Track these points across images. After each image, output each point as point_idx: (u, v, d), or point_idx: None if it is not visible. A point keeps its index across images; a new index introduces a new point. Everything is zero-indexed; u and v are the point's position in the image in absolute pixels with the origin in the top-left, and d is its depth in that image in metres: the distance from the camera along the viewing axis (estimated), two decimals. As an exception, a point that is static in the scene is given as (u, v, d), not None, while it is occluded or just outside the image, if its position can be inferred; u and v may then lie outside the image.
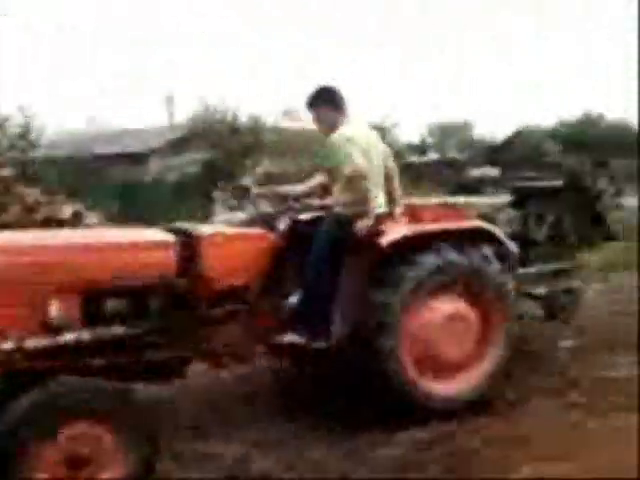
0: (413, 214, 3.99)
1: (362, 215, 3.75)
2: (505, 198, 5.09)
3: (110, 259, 3.37)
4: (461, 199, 4.46)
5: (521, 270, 4.56)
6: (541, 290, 4.88)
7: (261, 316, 3.79)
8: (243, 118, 14.11)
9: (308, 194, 4.28)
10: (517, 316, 4.28)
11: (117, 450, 2.93)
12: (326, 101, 3.98)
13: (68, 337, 3.18)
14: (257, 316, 3.78)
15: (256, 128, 13.71)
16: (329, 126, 3.96)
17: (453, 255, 3.81)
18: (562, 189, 5.46)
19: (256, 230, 3.91)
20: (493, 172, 19.24)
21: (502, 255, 4.14)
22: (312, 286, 3.75)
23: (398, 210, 4.02)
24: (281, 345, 3.83)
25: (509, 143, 22.91)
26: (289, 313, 3.81)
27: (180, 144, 15.56)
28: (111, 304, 3.37)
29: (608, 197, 5.54)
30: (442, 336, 3.84)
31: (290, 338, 3.75)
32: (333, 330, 3.70)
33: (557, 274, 5.04)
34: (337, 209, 3.90)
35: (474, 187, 14.22)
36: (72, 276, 3.25)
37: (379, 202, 3.89)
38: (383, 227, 3.76)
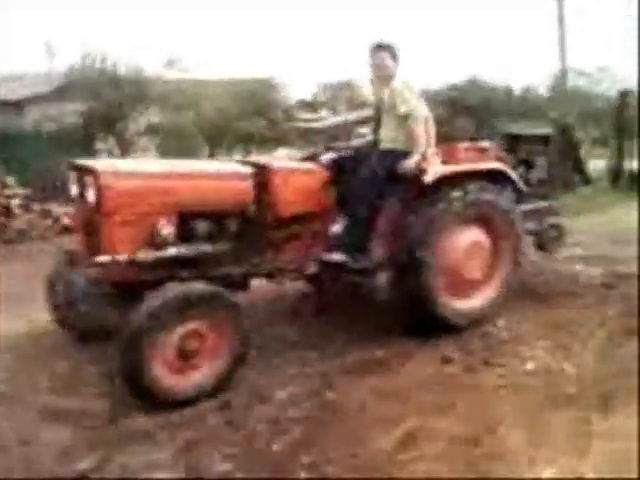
0: (447, 155, 4.69)
1: (409, 153, 4.43)
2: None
3: (202, 186, 3.96)
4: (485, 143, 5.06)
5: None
6: (532, 225, 5.51)
7: (314, 238, 4.46)
8: (123, 68, 13.61)
9: (358, 122, 5.09)
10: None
11: (218, 344, 3.59)
12: (391, 52, 4.62)
13: (172, 251, 3.76)
14: (311, 238, 4.45)
15: (138, 79, 13.18)
16: (389, 73, 4.63)
17: (478, 192, 4.59)
18: (550, 137, 6.26)
19: (313, 165, 4.59)
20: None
21: (513, 190, 4.99)
22: (356, 214, 4.41)
23: (435, 151, 4.64)
24: (328, 263, 4.48)
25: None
26: (335, 237, 4.49)
27: (59, 93, 14.71)
28: (200, 225, 3.95)
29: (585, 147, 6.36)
30: (464, 259, 4.59)
31: (335, 257, 4.45)
32: (373, 252, 4.37)
33: (545, 212, 5.73)
34: (387, 145, 4.60)
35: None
36: (173, 200, 3.80)
37: (425, 145, 4.51)
38: (425, 165, 4.40)
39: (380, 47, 4.63)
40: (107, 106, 12.71)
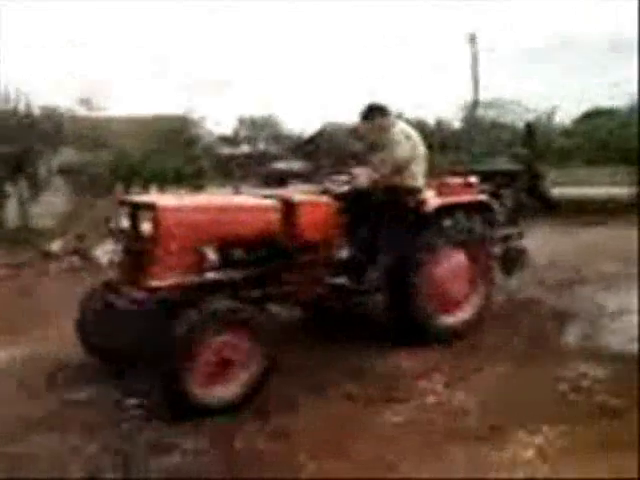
0: (441, 188, 5.35)
1: (411, 190, 5.10)
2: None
3: (240, 219, 4.49)
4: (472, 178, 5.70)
5: None
6: (498, 250, 6.08)
7: (324, 264, 4.90)
8: (36, 108, 13.38)
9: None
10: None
11: (251, 354, 4.01)
12: (379, 113, 5.17)
13: (215, 275, 4.28)
14: (321, 264, 4.88)
15: (53, 117, 12.92)
16: (383, 130, 5.18)
17: (466, 222, 5.33)
18: (518, 173, 7.19)
19: (327, 197, 4.99)
20: (297, 165, 19.95)
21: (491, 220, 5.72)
22: (363, 243, 5.03)
23: (429, 186, 5.30)
24: (333, 285, 4.95)
25: (315, 138, 23.82)
26: (340, 262, 5.00)
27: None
28: (235, 253, 4.48)
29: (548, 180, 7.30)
30: (449, 279, 5.25)
31: (339, 280, 4.97)
32: (370, 276, 4.93)
33: (511, 238, 6.32)
34: (387, 184, 5.05)
35: (282, 179, 14.66)
36: (217, 231, 4.32)
37: (421, 181, 5.20)
38: (423, 199, 5.11)
39: (364, 117, 5.22)
40: (20, 149, 12.36)
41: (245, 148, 26.65)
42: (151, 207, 4.19)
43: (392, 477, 3.22)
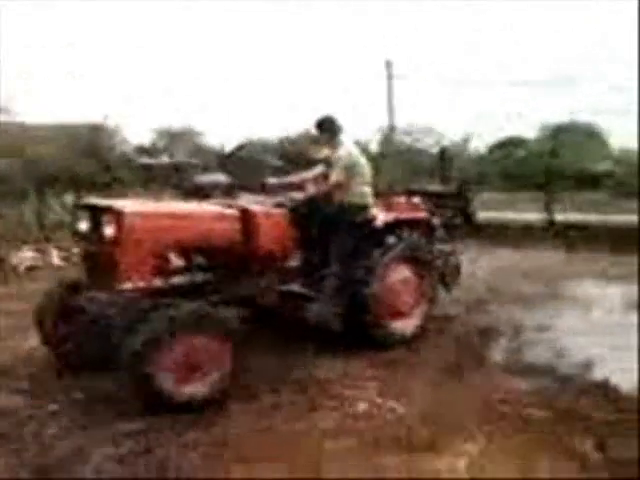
0: (388, 206, 5.76)
1: (361, 207, 5.41)
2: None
3: (203, 226, 4.66)
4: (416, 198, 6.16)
5: None
6: (438, 264, 6.36)
7: (280, 271, 5.16)
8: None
9: (312, 180, 5.74)
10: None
11: (219, 355, 4.11)
12: (330, 127, 5.47)
13: (179, 280, 4.58)
14: (277, 271, 5.13)
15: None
16: (331, 146, 5.52)
17: (410, 237, 5.71)
18: (451, 194, 7.52)
19: (282, 209, 5.18)
20: (222, 178, 19.64)
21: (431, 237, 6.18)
22: (315, 253, 5.36)
23: (377, 203, 5.65)
24: (286, 292, 5.29)
25: (234, 153, 23.71)
26: (292, 270, 5.26)
27: None
28: (197, 258, 4.77)
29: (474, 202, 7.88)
30: (398, 290, 5.60)
31: (292, 287, 5.30)
32: (327, 284, 5.19)
33: (448, 253, 6.67)
34: (340, 199, 5.39)
35: (205, 191, 14.46)
36: (181, 237, 4.51)
37: (370, 199, 5.53)
38: (373, 215, 5.46)
39: (317, 125, 5.48)
40: None
41: (165, 159, 26.10)
42: (116, 212, 4.22)
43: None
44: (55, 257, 10.14)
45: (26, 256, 9.97)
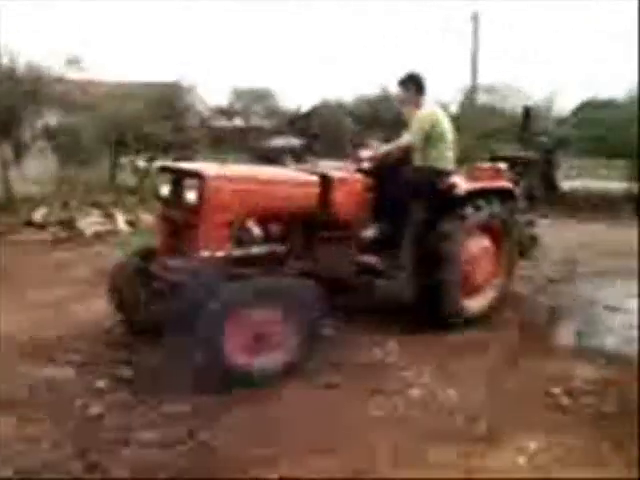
0: (471, 173, 5.46)
1: (441, 172, 5.14)
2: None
3: (284, 192, 4.47)
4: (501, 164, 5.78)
5: None
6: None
7: (354, 241, 4.94)
8: (22, 66, 12.70)
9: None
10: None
11: (287, 330, 4.00)
12: (407, 86, 5.24)
13: (258, 249, 4.35)
14: (353, 240, 4.92)
15: (37, 77, 12.30)
16: (416, 106, 5.24)
17: (491, 206, 5.35)
18: (533, 160, 7.22)
19: (361, 175, 5.00)
20: (295, 142, 19.40)
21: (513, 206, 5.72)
22: (392, 222, 5.06)
23: (460, 170, 5.44)
24: (362, 263, 5.03)
25: (309, 115, 23.30)
26: (368, 241, 5.03)
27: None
28: (274, 227, 4.54)
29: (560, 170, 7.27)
30: (476, 262, 5.31)
31: (367, 259, 5.05)
32: (403, 256, 5.00)
33: (526, 224, 6.40)
34: (420, 164, 5.21)
35: (276, 155, 14.29)
36: (262, 203, 4.32)
37: (451, 164, 5.28)
38: (454, 182, 5.11)
39: (400, 82, 5.25)
40: (3, 108, 11.76)
41: (238, 122, 26.12)
42: (201, 176, 4.08)
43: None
44: (121, 223, 10.12)
45: (93, 221, 10.01)
